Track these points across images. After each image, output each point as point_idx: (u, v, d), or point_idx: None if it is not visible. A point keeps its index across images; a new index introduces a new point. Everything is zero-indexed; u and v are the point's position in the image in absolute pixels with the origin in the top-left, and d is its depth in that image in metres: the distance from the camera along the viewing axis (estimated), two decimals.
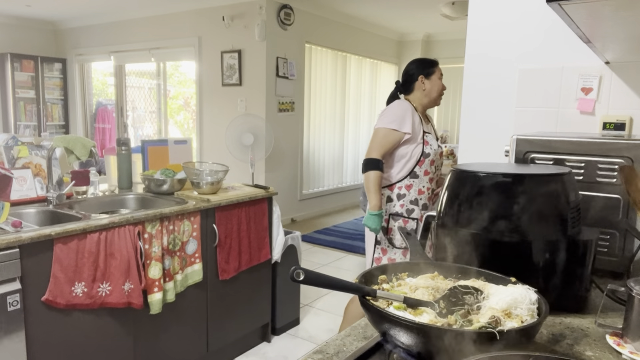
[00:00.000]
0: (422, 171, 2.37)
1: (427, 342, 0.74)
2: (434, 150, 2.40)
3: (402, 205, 2.40)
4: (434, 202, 2.46)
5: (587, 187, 1.22)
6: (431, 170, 2.40)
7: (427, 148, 2.37)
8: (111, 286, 2.08)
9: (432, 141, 2.41)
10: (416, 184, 2.37)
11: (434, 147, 2.40)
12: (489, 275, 0.94)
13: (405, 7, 6.15)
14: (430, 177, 2.41)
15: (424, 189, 2.39)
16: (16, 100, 7.16)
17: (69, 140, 2.66)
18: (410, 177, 2.36)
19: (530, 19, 1.71)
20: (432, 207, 2.41)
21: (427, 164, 2.37)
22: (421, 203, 2.40)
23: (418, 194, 2.38)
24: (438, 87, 2.44)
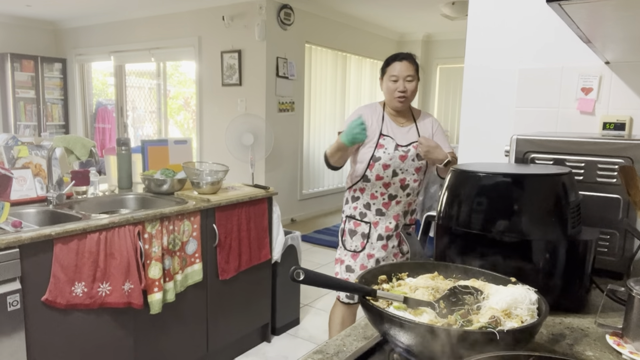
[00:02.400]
0: (374, 175, 2.22)
1: (427, 342, 0.74)
2: (389, 154, 2.20)
3: (355, 207, 2.32)
4: (412, 211, 2.34)
5: (587, 187, 1.22)
6: (385, 175, 2.22)
7: (378, 152, 2.21)
8: (111, 286, 2.08)
9: (389, 145, 2.22)
10: (369, 187, 2.26)
11: (389, 151, 2.21)
12: (489, 275, 0.94)
13: (405, 7, 6.15)
14: (385, 182, 2.23)
15: (377, 193, 2.25)
16: (16, 100, 7.16)
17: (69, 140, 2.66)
18: (363, 180, 2.26)
19: (530, 18, 1.71)
20: (394, 214, 2.27)
21: (378, 168, 2.21)
22: (374, 208, 2.27)
23: (370, 198, 2.26)
24: (387, 89, 2.24)
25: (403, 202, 2.27)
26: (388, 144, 2.21)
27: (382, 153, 2.19)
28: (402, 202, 2.27)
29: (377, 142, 2.21)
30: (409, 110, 2.33)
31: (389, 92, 2.22)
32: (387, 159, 2.19)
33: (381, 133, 2.23)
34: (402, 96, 2.19)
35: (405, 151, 2.22)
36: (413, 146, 2.22)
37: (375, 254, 2.28)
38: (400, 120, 2.28)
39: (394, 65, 2.21)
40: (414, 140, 2.23)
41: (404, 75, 2.19)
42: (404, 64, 2.19)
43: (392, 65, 2.22)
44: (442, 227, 1.12)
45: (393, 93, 2.20)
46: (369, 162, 2.21)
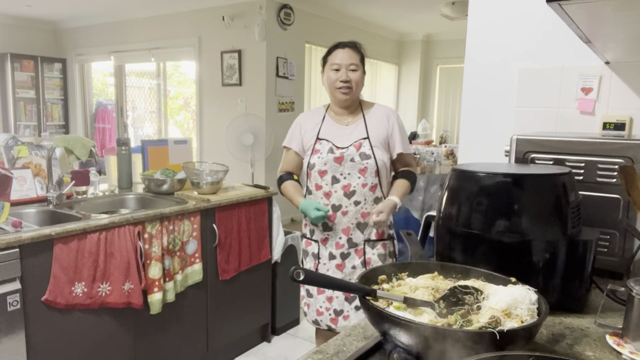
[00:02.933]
0: (313, 185, 1.99)
1: (427, 342, 0.74)
2: (323, 159, 1.94)
3: (305, 224, 2.10)
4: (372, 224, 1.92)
5: (587, 187, 1.22)
6: (324, 184, 1.96)
7: (313, 158, 1.97)
8: (111, 286, 2.07)
9: (324, 148, 1.96)
10: (313, 200, 2.00)
11: (323, 155, 1.95)
12: (489, 275, 0.94)
13: (405, 7, 6.15)
14: (325, 192, 1.96)
15: (320, 206, 1.96)
16: (16, 100, 7.16)
17: (69, 140, 2.66)
18: (308, 193, 2.03)
19: (530, 18, 1.71)
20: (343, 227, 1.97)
21: (315, 176, 1.97)
22: (321, 223, 1.99)
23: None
24: (328, 79, 1.99)
25: (351, 212, 1.95)
26: (323, 147, 1.97)
27: (317, 159, 1.96)
28: (350, 212, 1.95)
29: (313, 148, 1.99)
30: (358, 106, 2.06)
31: (330, 83, 1.97)
32: (321, 164, 1.95)
33: (317, 137, 1.99)
34: (344, 86, 1.95)
35: (342, 152, 1.94)
36: (354, 145, 1.94)
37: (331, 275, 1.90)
38: (345, 119, 2.03)
39: (336, 53, 1.98)
40: (361, 138, 1.96)
41: (347, 63, 1.95)
42: (347, 52, 1.97)
43: (333, 53, 1.99)
44: (442, 227, 1.12)
45: (334, 83, 1.96)
46: (306, 172, 2.02)
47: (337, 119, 2.03)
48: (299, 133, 2.06)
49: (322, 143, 1.98)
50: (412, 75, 8.17)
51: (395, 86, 8.31)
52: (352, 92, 1.96)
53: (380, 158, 1.95)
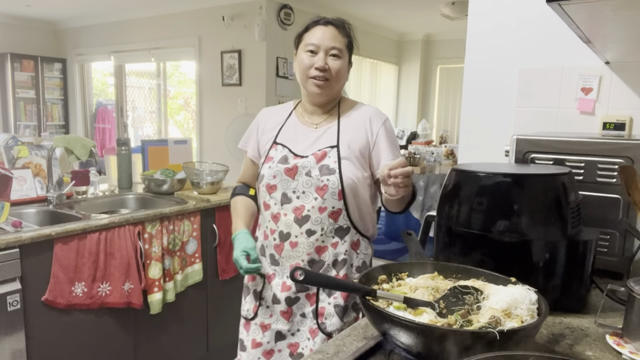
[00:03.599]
0: (262, 203, 1.50)
1: (427, 342, 0.74)
2: (272, 169, 1.43)
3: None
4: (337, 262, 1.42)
5: (587, 187, 1.22)
6: (272, 203, 1.44)
7: (264, 167, 1.47)
8: (111, 286, 2.08)
9: (278, 154, 1.46)
10: (261, 221, 1.53)
11: (274, 165, 1.44)
12: (489, 275, 0.94)
13: (405, 7, 6.15)
14: (274, 214, 1.44)
15: (267, 230, 1.47)
16: (16, 100, 7.15)
17: (69, 140, 2.66)
18: (258, 211, 1.57)
19: (530, 18, 1.71)
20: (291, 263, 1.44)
21: (263, 192, 1.46)
22: (268, 253, 1.48)
23: (263, 238, 1.50)
24: (300, 64, 1.46)
25: (302, 244, 1.40)
26: (277, 154, 1.46)
27: (267, 169, 1.45)
28: (301, 244, 1.40)
29: (267, 154, 1.49)
30: (336, 105, 1.53)
31: (303, 69, 1.44)
32: (270, 176, 1.43)
33: (274, 140, 1.50)
34: (320, 76, 1.42)
35: (296, 163, 1.42)
36: (315, 155, 1.42)
37: (273, 324, 1.48)
38: (316, 120, 1.51)
39: (314, 31, 1.46)
40: (327, 146, 1.43)
41: (327, 46, 1.42)
42: (330, 31, 1.44)
43: (311, 30, 1.47)
44: (442, 227, 1.12)
45: (307, 70, 1.43)
46: (257, 185, 1.53)
47: (305, 120, 1.52)
48: (255, 133, 1.59)
49: (277, 149, 1.47)
50: (412, 75, 8.17)
51: (395, 86, 8.31)
52: (330, 86, 1.44)
53: (349, 175, 1.39)
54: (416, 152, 5.17)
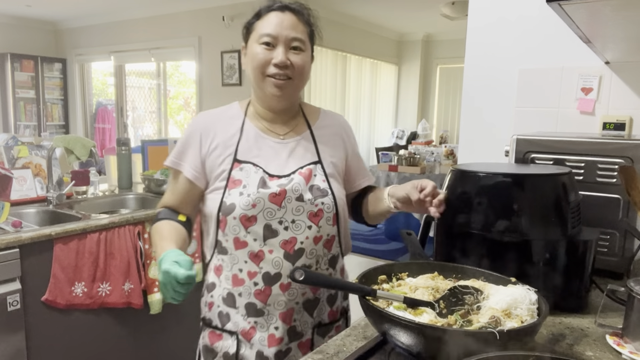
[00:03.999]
0: (231, 242, 1.16)
1: (427, 342, 0.74)
2: (250, 197, 1.13)
3: (210, 304, 1.26)
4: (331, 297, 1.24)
5: (587, 187, 1.22)
6: (250, 239, 1.14)
7: (230, 195, 1.15)
8: (111, 286, 2.08)
9: (250, 178, 1.16)
10: (227, 264, 1.19)
11: (250, 190, 1.14)
12: (489, 275, 0.94)
13: (405, 7, 6.15)
14: (254, 253, 1.14)
15: (242, 274, 1.16)
16: (16, 100, 7.16)
17: (69, 140, 2.66)
18: (218, 252, 1.21)
19: (530, 18, 1.71)
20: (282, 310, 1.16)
21: (234, 226, 1.14)
22: (242, 303, 1.18)
23: (233, 284, 1.18)
24: (253, 59, 1.17)
25: (298, 285, 1.16)
26: (248, 176, 1.16)
27: (237, 197, 1.14)
28: (297, 285, 1.16)
29: (228, 177, 1.17)
30: (299, 110, 1.29)
31: (257, 66, 1.16)
32: (246, 205, 1.13)
33: (235, 159, 1.18)
34: (281, 74, 1.15)
35: (282, 186, 1.15)
36: (301, 173, 1.18)
37: None
38: (280, 129, 1.24)
39: (269, 18, 1.17)
40: (310, 162, 1.21)
41: (288, 36, 1.15)
42: (289, 18, 1.17)
43: (264, 18, 1.18)
44: (442, 227, 1.12)
45: (264, 68, 1.15)
46: (217, 219, 1.17)
47: (266, 129, 1.23)
48: (197, 147, 1.21)
49: (244, 168, 1.17)
50: (412, 75, 8.17)
51: (395, 86, 8.31)
52: (293, 86, 1.18)
53: (340, 195, 1.22)
54: (416, 152, 5.17)
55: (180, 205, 1.26)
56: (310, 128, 1.27)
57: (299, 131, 1.25)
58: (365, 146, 7.90)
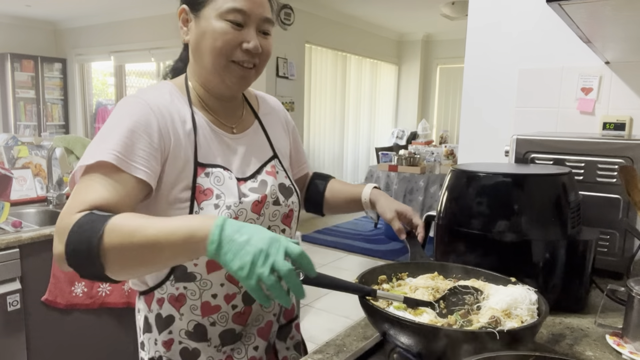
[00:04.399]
0: (203, 264, 0.95)
1: (427, 342, 0.74)
2: (235, 208, 0.94)
3: (167, 342, 1.01)
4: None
5: (587, 187, 1.22)
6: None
7: (200, 210, 0.93)
8: (111, 286, 2.08)
9: (226, 186, 0.95)
10: (193, 293, 0.97)
11: (230, 200, 0.94)
12: (489, 275, 0.94)
13: (405, 7, 6.15)
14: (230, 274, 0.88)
15: (217, 300, 0.98)
16: (16, 100, 7.16)
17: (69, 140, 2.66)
18: (178, 279, 0.97)
19: (530, 18, 1.71)
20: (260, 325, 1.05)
21: None
22: (218, 332, 1.00)
23: (203, 314, 0.98)
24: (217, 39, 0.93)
25: None
26: (220, 184, 0.95)
27: (213, 210, 0.93)
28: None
29: (194, 188, 0.93)
30: (241, 96, 1.10)
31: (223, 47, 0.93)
32: (225, 215, 0.93)
33: (197, 162, 0.95)
34: (250, 61, 0.96)
35: (255, 189, 1.00)
36: (268, 172, 1.04)
37: None
38: (228, 120, 1.04)
39: None
40: (269, 158, 1.07)
41: (261, 16, 0.96)
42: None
43: None
44: (442, 227, 1.12)
45: (231, 51, 0.94)
46: None
47: (216, 121, 1.01)
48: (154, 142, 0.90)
49: (212, 174, 0.95)
50: (412, 75, 8.17)
51: (395, 86, 8.31)
52: (255, 76, 1.01)
53: (298, 191, 1.11)
54: (416, 152, 5.18)
55: (118, 207, 0.82)
56: (258, 117, 1.10)
57: (248, 122, 1.07)
58: (365, 146, 7.91)
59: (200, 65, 0.97)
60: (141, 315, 1.05)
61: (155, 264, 0.78)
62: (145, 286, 1.01)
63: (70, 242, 0.75)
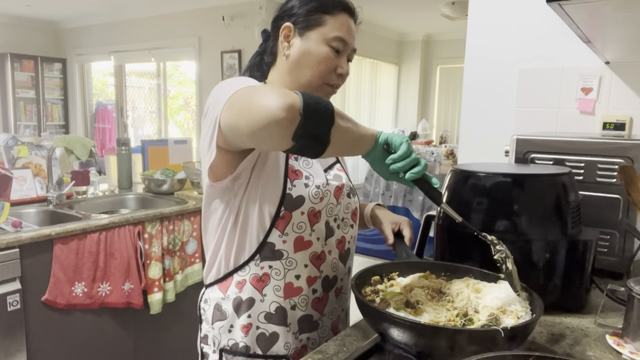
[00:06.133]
0: (292, 241, 1.00)
1: (427, 342, 0.74)
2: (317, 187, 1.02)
3: (246, 326, 1.01)
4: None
5: (587, 187, 1.22)
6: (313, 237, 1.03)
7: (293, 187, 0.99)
8: (111, 286, 2.07)
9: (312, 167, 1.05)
10: (278, 273, 1.00)
11: (318, 180, 1.03)
12: (478, 272, 0.95)
13: (405, 7, 6.15)
14: (317, 254, 1.03)
15: (299, 281, 1.02)
16: (16, 100, 7.15)
17: (69, 140, 2.66)
18: (264, 257, 1.00)
19: (530, 18, 1.71)
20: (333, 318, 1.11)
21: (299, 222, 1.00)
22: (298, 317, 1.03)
23: (285, 295, 1.01)
24: (322, 63, 1.03)
25: (346, 289, 1.15)
26: (308, 166, 1.04)
27: (304, 188, 1.00)
28: (345, 289, 1.14)
29: (286, 167, 1.00)
30: None
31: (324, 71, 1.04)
32: (315, 198, 1.01)
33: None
34: (338, 85, 1.10)
35: (335, 179, 1.08)
36: (338, 169, 1.12)
37: None
38: None
39: (341, 18, 1.05)
40: (334, 163, 1.13)
41: (352, 47, 1.08)
42: (353, 25, 1.08)
43: (337, 16, 1.04)
44: (442, 227, 1.12)
45: (329, 75, 1.05)
46: (276, 215, 0.98)
47: None
48: None
49: (303, 158, 1.05)
50: (412, 75, 8.17)
51: (395, 86, 8.31)
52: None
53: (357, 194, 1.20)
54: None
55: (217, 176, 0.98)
56: None
57: None
58: None
59: (294, 79, 1.05)
60: (209, 305, 1.07)
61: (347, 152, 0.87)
62: (225, 268, 1.03)
63: (308, 96, 0.77)
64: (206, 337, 1.08)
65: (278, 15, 1.12)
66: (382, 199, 4.90)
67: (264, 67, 1.15)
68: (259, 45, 1.20)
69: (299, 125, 0.74)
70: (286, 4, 1.11)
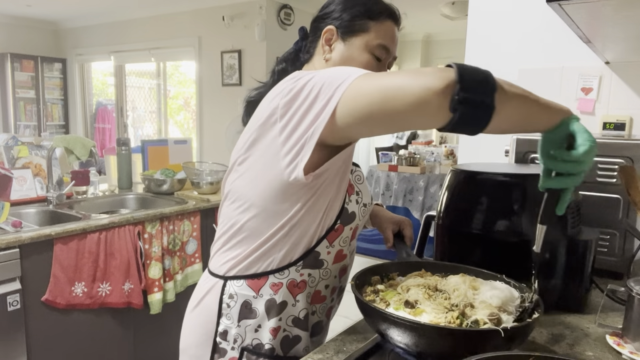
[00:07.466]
0: (334, 253, 1.00)
1: (427, 342, 0.74)
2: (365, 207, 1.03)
3: (275, 329, 0.98)
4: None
5: (587, 187, 1.22)
6: (348, 251, 1.05)
7: (349, 202, 0.99)
8: (111, 286, 2.08)
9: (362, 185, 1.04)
10: (314, 280, 1.01)
11: (365, 199, 1.03)
12: (476, 271, 0.94)
13: (405, 7, 6.14)
14: (345, 266, 1.08)
15: (326, 291, 1.05)
16: (16, 100, 7.15)
17: (69, 140, 2.66)
18: (306, 265, 0.98)
19: (530, 18, 1.71)
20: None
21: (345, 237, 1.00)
22: (314, 322, 1.07)
23: (311, 302, 1.04)
24: (360, 66, 0.99)
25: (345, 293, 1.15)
26: (360, 183, 1.04)
27: (355, 205, 1.00)
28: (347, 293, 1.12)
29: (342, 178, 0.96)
30: None
31: None
32: (362, 216, 1.03)
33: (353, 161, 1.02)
34: None
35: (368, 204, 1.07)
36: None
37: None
38: None
39: (386, 26, 1.04)
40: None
41: (393, 55, 1.08)
42: (397, 33, 1.09)
43: (383, 23, 1.04)
44: (442, 227, 1.12)
45: None
46: (333, 225, 0.97)
47: None
48: None
49: (356, 173, 1.04)
50: None
51: None
52: None
53: None
54: (416, 152, 5.18)
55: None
56: None
57: None
58: (365, 146, 7.90)
59: None
60: (236, 302, 0.99)
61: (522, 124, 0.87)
62: (250, 269, 0.98)
63: (460, 64, 0.74)
64: (226, 333, 1.01)
65: (319, 16, 1.10)
66: (382, 199, 4.90)
67: (297, 63, 1.16)
68: (295, 42, 1.21)
69: (455, 90, 0.71)
70: (328, 6, 1.08)
